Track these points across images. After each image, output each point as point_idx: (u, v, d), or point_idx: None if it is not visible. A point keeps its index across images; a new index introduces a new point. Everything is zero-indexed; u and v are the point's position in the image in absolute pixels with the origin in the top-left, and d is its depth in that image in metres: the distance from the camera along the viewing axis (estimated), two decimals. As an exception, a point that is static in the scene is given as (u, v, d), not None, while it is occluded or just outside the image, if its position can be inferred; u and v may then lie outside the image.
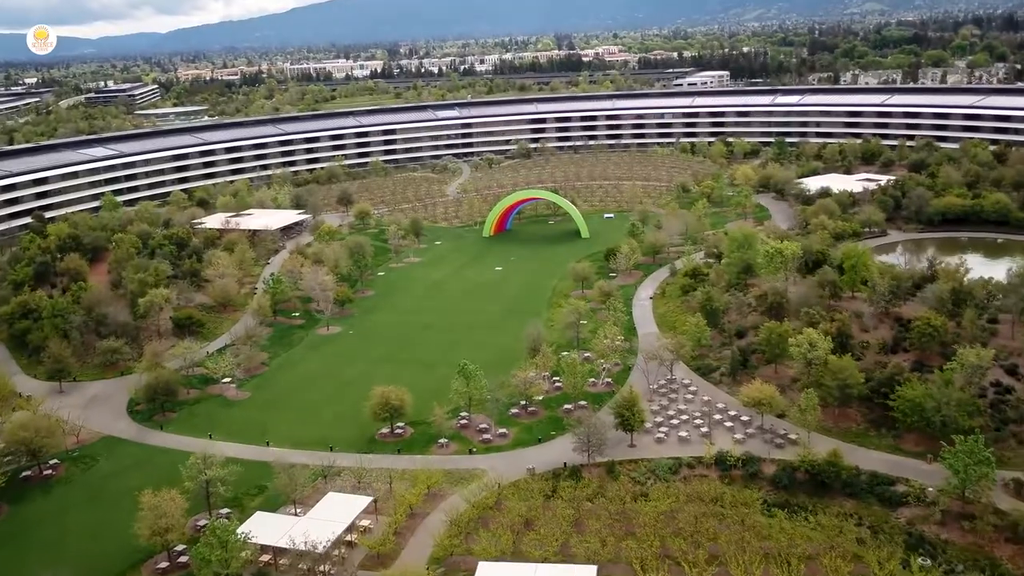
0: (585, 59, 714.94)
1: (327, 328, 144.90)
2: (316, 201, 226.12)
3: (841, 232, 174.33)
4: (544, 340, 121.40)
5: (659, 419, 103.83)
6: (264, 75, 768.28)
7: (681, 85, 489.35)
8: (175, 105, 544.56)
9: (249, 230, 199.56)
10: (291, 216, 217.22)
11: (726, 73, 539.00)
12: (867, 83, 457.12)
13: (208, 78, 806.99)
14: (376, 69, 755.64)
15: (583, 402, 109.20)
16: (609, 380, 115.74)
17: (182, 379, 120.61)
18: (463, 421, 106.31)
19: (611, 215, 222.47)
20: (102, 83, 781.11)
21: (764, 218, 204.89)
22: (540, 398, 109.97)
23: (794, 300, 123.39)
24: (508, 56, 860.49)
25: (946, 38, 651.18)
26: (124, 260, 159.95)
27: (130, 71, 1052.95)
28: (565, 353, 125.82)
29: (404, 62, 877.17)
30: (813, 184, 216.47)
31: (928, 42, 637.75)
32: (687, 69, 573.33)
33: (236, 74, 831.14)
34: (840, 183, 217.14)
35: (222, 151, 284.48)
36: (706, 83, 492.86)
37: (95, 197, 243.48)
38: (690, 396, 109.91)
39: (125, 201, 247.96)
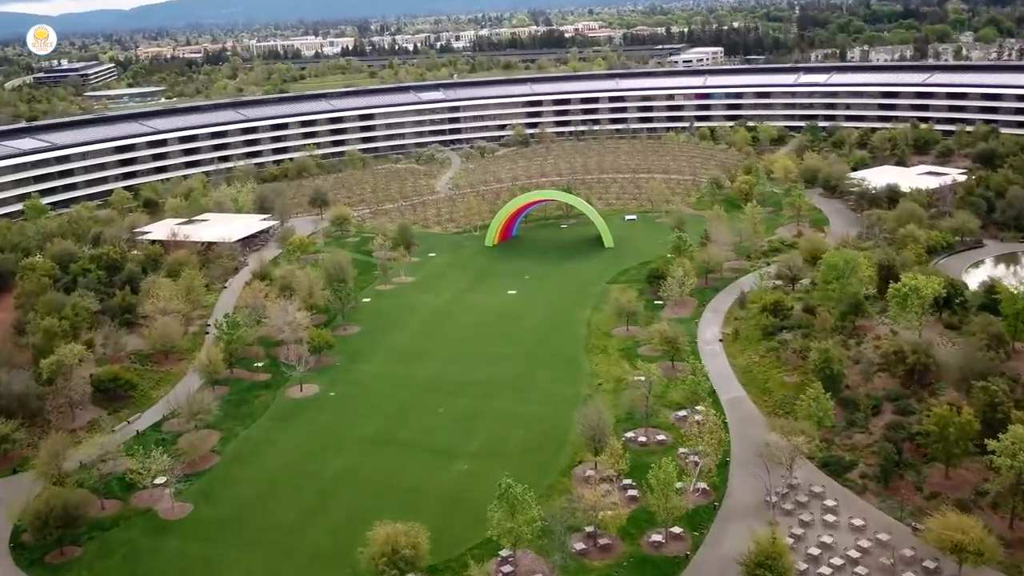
0: (567, 35, 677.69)
1: (300, 388, 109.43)
2: (284, 204, 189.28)
3: (934, 245, 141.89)
4: (606, 422, 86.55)
5: (798, 561, 69.95)
6: (228, 53, 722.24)
7: (676, 62, 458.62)
8: (130, 86, 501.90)
9: (202, 242, 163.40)
10: (254, 222, 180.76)
11: (720, 49, 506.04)
12: (879, 60, 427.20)
13: (169, 56, 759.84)
14: (347, 46, 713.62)
15: (677, 528, 75.11)
16: (704, 486, 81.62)
17: (96, 484, 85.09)
18: (507, 568, 71.80)
19: (633, 216, 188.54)
20: (56, 62, 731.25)
21: (821, 222, 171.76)
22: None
23: (945, 361, 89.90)
24: (484, 32, 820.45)
25: (937, 13, 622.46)
26: (34, 294, 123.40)
27: (89, 49, 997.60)
28: (626, 432, 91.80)
29: (376, 39, 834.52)
30: (873, 179, 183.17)
31: (922, 16, 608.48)
32: (678, 45, 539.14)
33: (199, 52, 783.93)
34: (901, 178, 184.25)
35: (175, 141, 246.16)
36: (702, 60, 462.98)
37: (21, 198, 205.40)
38: (830, 517, 75.99)
39: (58, 203, 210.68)
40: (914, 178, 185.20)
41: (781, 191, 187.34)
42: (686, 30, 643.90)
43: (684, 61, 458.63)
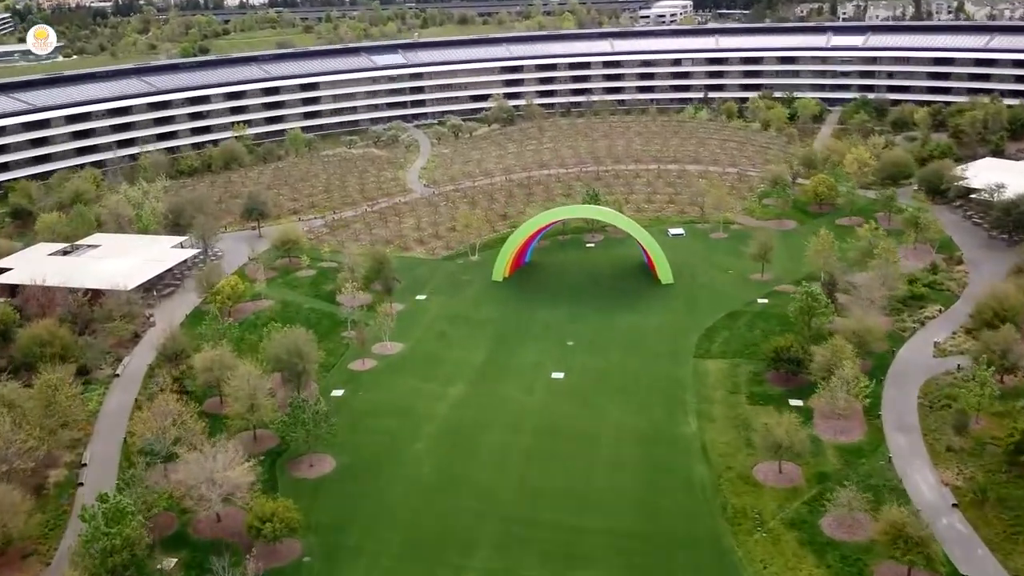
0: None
1: (243, 642, 59.78)
2: (208, 222, 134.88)
3: None
4: None
5: None
6: (141, 2, 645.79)
7: (648, 17, 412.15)
8: (21, 41, 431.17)
9: (84, 291, 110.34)
10: (165, 250, 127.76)
11: (688, 3, 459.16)
12: (877, 16, 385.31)
13: (74, 5, 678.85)
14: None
15: None
16: None
17: None
18: None
19: (679, 231, 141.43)
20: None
21: (946, 246, 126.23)
22: None
23: None
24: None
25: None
26: None
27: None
28: None
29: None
30: (986, 179, 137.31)
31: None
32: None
33: (109, 1, 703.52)
34: (1017, 175, 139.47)
35: (60, 121, 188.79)
36: (674, 15, 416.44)
37: None
38: None
39: None
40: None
41: (879, 196, 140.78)
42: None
43: (657, 16, 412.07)
